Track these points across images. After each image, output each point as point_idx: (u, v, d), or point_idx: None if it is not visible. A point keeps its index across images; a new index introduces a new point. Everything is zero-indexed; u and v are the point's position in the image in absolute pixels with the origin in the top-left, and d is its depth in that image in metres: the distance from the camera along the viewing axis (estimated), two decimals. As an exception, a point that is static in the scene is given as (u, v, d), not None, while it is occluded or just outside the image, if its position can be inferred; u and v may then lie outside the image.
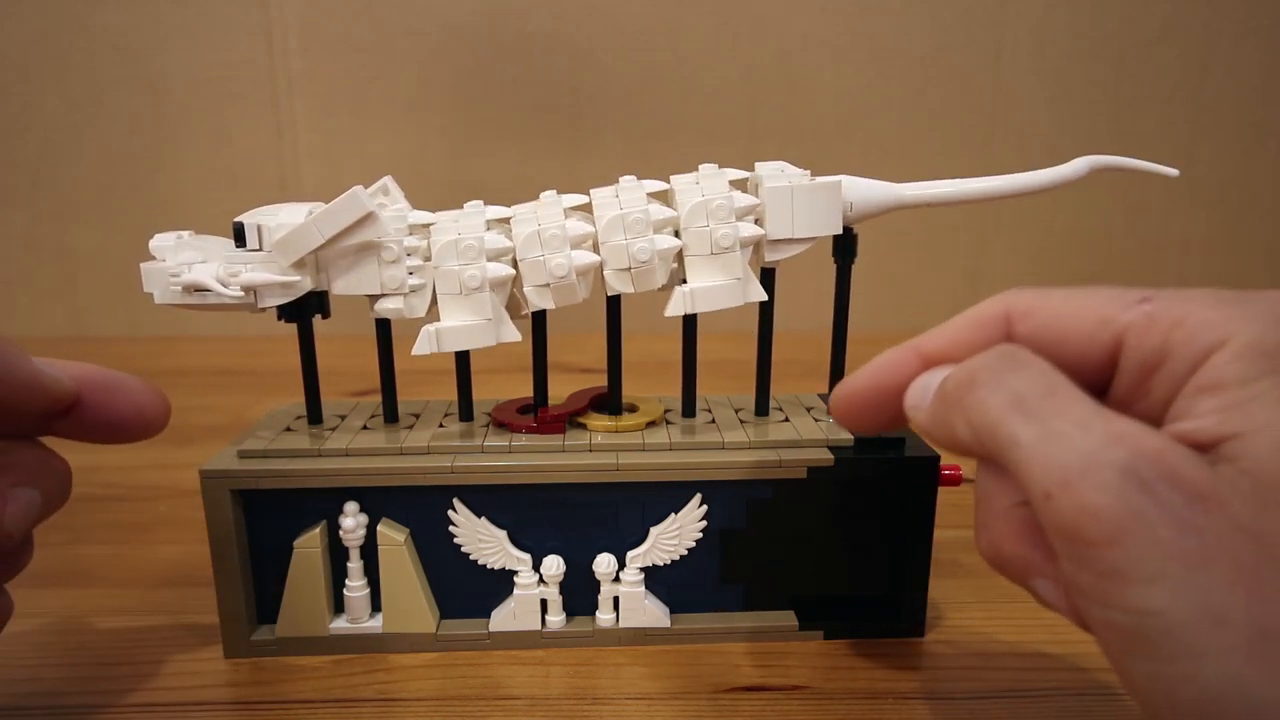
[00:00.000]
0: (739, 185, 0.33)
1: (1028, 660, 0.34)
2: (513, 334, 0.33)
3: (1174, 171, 0.32)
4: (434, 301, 0.33)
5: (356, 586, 0.34)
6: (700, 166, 0.34)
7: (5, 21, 0.79)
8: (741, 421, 0.36)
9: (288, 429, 0.35)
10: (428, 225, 0.33)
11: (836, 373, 0.37)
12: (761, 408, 0.37)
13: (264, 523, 0.33)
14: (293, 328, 0.35)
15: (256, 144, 0.82)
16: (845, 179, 0.34)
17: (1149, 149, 0.87)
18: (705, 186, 0.32)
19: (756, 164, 0.34)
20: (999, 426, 0.20)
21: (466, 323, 0.32)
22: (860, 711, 0.31)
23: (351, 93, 0.81)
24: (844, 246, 0.35)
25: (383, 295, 0.33)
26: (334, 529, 0.33)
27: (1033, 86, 0.84)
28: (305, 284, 0.32)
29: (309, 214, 0.32)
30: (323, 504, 0.33)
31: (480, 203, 0.34)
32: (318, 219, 0.31)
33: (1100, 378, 0.21)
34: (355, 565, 0.34)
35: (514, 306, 0.34)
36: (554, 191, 0.34)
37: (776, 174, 0.33)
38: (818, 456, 0.34)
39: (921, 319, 1.04)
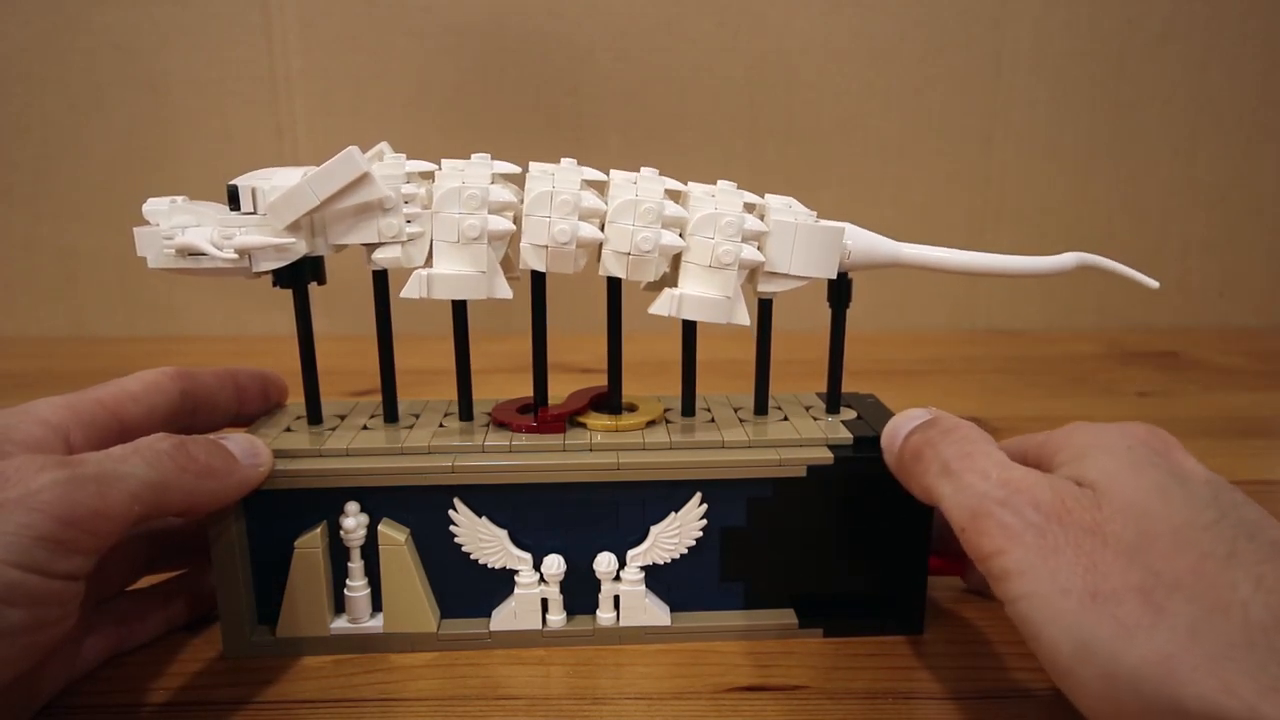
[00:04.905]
0: (747, 209, 0.33)
1: (1028, 660, 0.33)
2: (505, 290, 0.33)
3: (1154, 283, 0.35)
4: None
5: (357, 586, 0.34)
6: (719, 182, 0.34)
7: (5, 22, 0.79)
8: (741, 420, 0.36)
9: (288, 429, 0.35)
10: (426, 174, 0.33)
11: (835, 373, 0.37)
12: (761, 407, 0.37)
13: (265, 523, 0.33)
14: (291, 328, 0.35)
15: (256, 144, 0.82)
16: (849, 227, 0.34)
17: (1149, 149, 0.87)
18: (720, 200, 0.33)
19: (767, 195, 0.35)
20: (932, 489, 0.29)
21: (460, 271, 0.32)
22: (860, 711, 0.31)
23: (351, 93, 0.81)
24: (839, 292, 0.35)
25: (380, 244, 0.32)
26: (334, 529, 0.33)
27: (1033, 86, 0.84)
28: (300, 247, 0.32)
29: (304, 176, 0.31)
30: (323, 504, 0.33)
31: (487, 155, 0.34)
32: (312, 180, 0.30)
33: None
34: (356, 565, 0.34)
35: (506, 265, 0.33)
36: (574, 160, 0.34)
37: (784, 209, 0.34)
38: (817, 455, 0.34)
39: (921, 319, 1.05)
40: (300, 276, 0.33)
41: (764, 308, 0.36)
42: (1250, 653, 0.21)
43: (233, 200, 0.32)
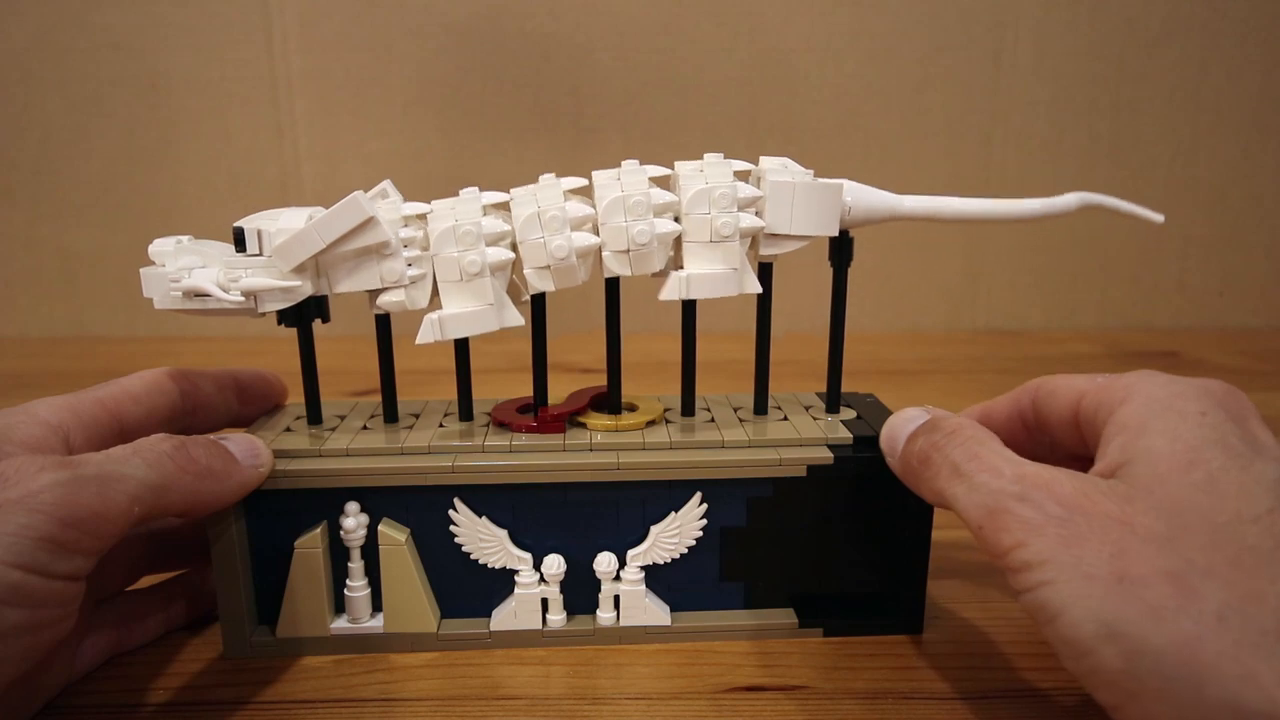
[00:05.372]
0: (741, 177, 0.33)
1: (1028, 660, 0.34)
2: (515, 318, 0.33)
3: (1159, 217, 0.35)
4: (435, 291, 0.33)
5: (357, 586, 0.34)
6: (705, 155, 0.34)
7: (5, 21, 0.79)
8: (741, 420, 0.36)
9: (288, 429, 0.35)
10: (422, 215, 0.33)
11: (834, 372, 0.37)
12: (760, 406, 0.37)
13: (265, 523, 0.33)
14: (291, 329, 0.35)
15: (256, 144, 0.82)
16: (847, 183, 0.34)
17: (1149, 149, 0.87)
18: (709, 174, 0.33)
19: (761, 158, 0.35)
20: (944, 493, 0.28)
21: (469, 309, 0.32)
22: (860, 711, 0.31)
23: (351, 93, 0.81)
24: (840, 250, 0.35)
25: (383, 290, 0.33)
26: (335, 529, 0.33)
27: (1033, 86, 0.84)
28: (305, 289, 0.32)
29: (309, 219, 0.31)
30: (323, 504, 0.33)
31: (475, 189, 0.34)
32: (317, 224, 0.31)
33: (1074, 425, 0.30)
34: (356, 565, 0.34)
35: (513, 292, 0.34)
36: (553, 175, 0.34)
37: (780, 169, 0.34)
38: (817, 455, 0.34)
39: (921, 319, 1.05)
40: (305, 316, 0.34)
41: (763, 309, 0.35)
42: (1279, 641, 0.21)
43: (238, 242, 0.32)
